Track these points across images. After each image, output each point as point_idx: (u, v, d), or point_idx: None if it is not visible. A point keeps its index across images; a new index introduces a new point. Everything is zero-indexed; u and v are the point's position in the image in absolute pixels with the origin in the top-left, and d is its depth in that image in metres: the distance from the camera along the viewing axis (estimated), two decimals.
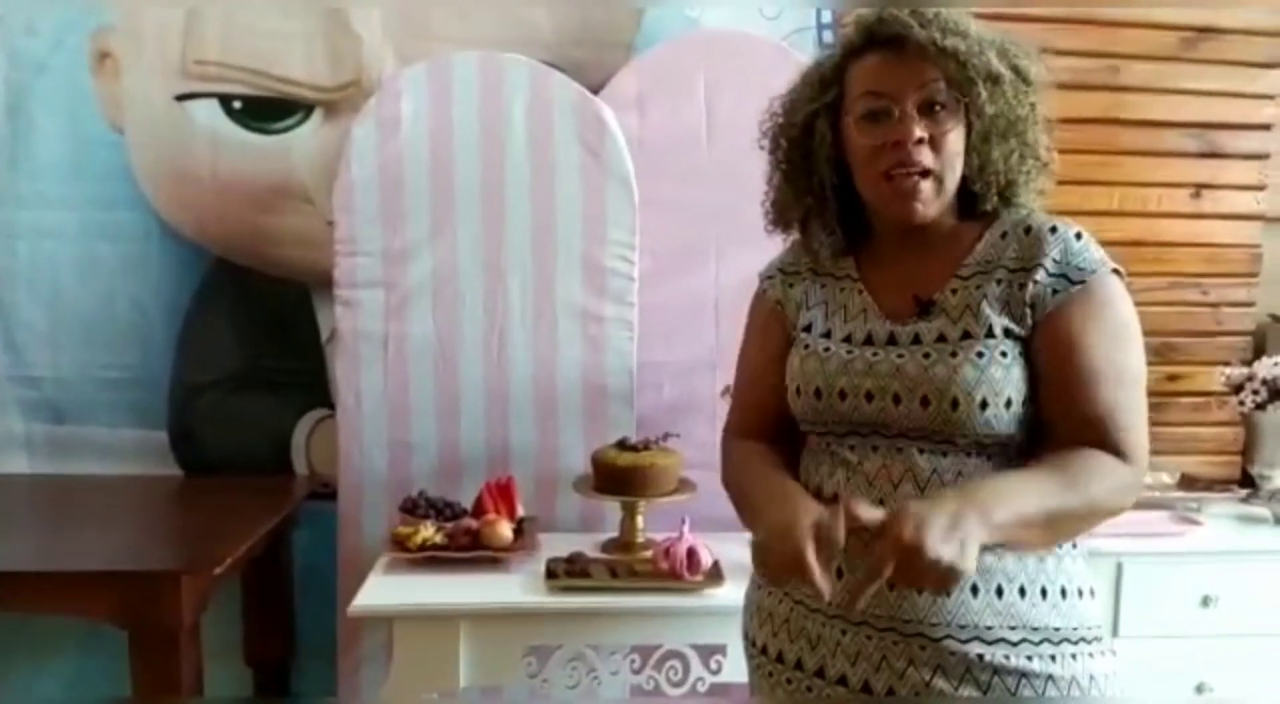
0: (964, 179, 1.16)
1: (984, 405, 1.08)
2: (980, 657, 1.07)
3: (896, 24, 1.12)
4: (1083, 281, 1.10)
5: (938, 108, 1.11)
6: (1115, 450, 1.07)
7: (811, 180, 1.20)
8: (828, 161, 1.19)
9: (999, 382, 1.09)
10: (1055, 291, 1.10)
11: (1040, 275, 1.10)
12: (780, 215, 1.27)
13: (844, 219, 1.24)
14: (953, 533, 0.95)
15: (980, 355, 1.09)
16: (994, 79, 1.11)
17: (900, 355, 1.14)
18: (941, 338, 1.13)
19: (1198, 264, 2.44)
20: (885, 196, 1.15)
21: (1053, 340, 1.10)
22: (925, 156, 1.11)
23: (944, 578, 0.94)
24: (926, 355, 1.12)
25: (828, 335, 1.21)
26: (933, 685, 1.07)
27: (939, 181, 1.13)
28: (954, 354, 1.10)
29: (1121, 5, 2.32)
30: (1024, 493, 1.03)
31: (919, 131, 1.10)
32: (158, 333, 2.23)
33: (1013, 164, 1.15)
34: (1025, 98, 1.14)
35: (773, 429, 1.28)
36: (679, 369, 2.14)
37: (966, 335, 1.12)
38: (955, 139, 1.13)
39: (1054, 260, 1.11)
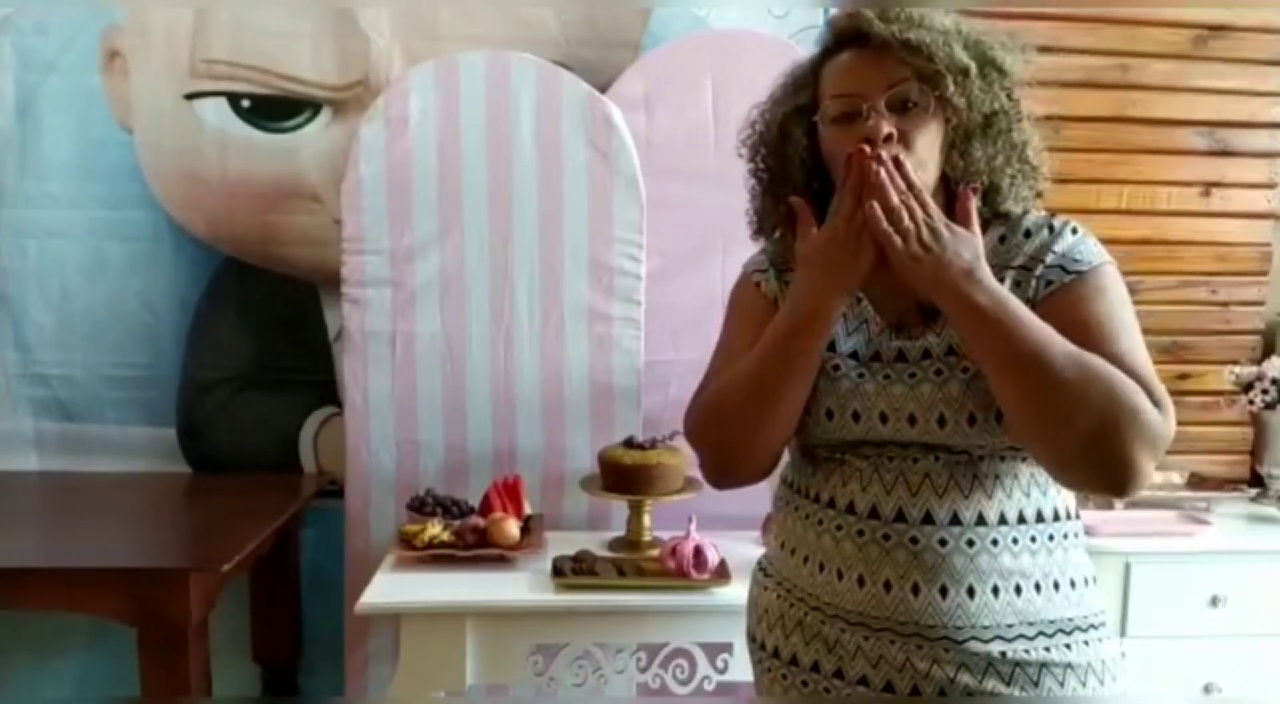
0: (952, 183, 1.14)
1: (999, 418, 1.07)
2: (1003, 654, 1.07)
3: (862, 21, 1.10)
4: (1079, 272, 1.09)
5: (910, 105, 1.09)
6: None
7: (787, 187, 1.18)
8: (801, 166, 1.17)
9: None
10: (1049, 282, 1.09)
11: (1039, 270, 1.10)
12: (761, 223, 1.26)
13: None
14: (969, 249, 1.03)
15: None
16: (961, 71, 1.08)
17: (912, 374, 1.12)
18: (951, 351, 1.11)
19: (1208, 263, 2.43)
20: None
21: (1052, 321, 1.05)
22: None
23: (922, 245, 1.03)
24: (939, 372, 1.11)
25: (831, 348, 1.17)
26: (957, 681, 1.07)
27: None
28: (965, 370, 1.09)
29: (1133, 4, 2.32)
30: (1036, 321, 1.02)
31: (887, 128, 1.07)
32: (166, 331, 2.24)
33: (997, 166, 1.13)
34: (1000, 90, 1.11)
35: None
36: (686, 368, 2.12)
37: None
38: (928, 136, 1.10)
39: (1053, 253, 1.11)
